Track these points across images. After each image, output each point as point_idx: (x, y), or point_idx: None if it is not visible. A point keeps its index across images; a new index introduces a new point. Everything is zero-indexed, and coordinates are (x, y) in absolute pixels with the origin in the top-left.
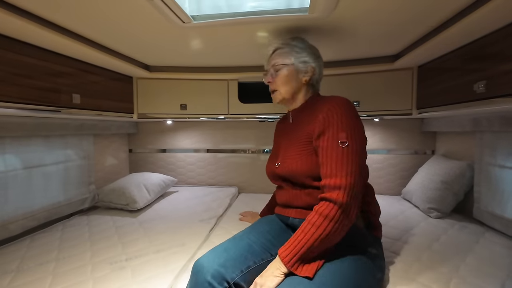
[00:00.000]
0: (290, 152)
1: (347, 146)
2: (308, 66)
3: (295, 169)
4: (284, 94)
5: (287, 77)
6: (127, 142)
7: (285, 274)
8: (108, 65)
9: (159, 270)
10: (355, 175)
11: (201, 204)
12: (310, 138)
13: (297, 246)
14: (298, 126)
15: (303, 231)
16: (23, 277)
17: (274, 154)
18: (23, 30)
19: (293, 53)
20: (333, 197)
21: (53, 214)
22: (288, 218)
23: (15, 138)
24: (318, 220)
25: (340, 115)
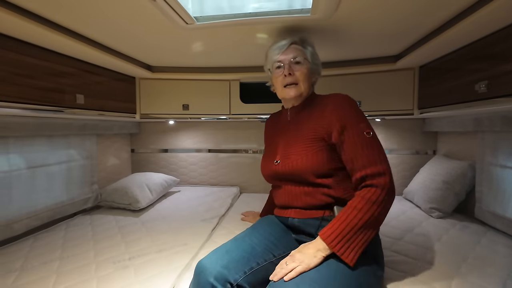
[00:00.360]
0: (293, 149)
1: (371, 135)
2: (318, 69)
3: (300, 165)
4: (304, 90)
5: (309, 73)
6: (130, 142)
7: (324, 257)
8: (111, 66)
9: (161, 269)
10: (386, 159)
11: (203, 204)
12: (319, 134)
13: (343, 229)
14: (300, 124)
15: (348, 216)
16: (27, 276)
17: (271, 153)
18: (24, 30)
19: (308, 52)
20: (380, 183)
21: (57, 213)
22: (287, 219)
23: (19, 138)
24: (365, 206)
25: (352, 109)
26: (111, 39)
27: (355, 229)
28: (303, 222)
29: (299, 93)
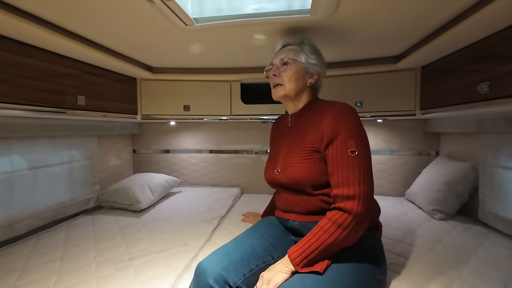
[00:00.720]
0: (292, 159)
1: (357, 154)
2: (316, 69)
3: (298, 177)
4: (288, 91)
5: (296, 74)
6: (131, 142)
7: (292, 272)
8: (112, 67)
9: (161, 269)
10: (367, 183)
11: (204, 204)
12: (316, 146)
13: (307, 249)
14: (299, 131)
15: (314, 236)
16: (29, 275)
17: (273, 159)
18: (26, 32)
19: (303, 52)
20: (347, 207)
21: (58, 213)
22: (287, 221)
23: (21, 139)
24: (331, 228)
25: (347, 123)
26: (111, 40)
27: (319, 249)
28: (303, 225)
29: (283, 94)
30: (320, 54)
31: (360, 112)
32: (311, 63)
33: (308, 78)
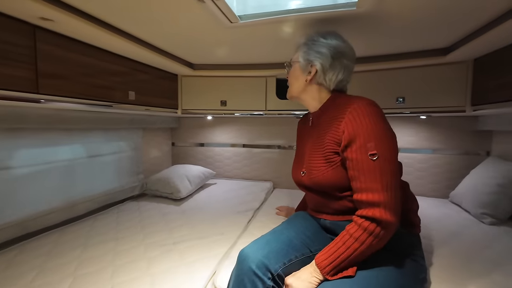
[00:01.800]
0: (315, 162)
1: (377, 158)
2: (309, 65)
3: (322, 181)
4: (292, 92)
5: (293, 74)
6: (170, 136)
7: (321, 281)
8: (157, 64)
9: (203, 255)
10: (393, 188)
11: (238, 197)
12: (335, 148)
13: (338, 258)
14: (320, 131)
15: (343, 242)
16: (89, 251)
17: (299, 159)
18: (87, 32)
19: (303, 50)
20: (376, 215)
21: (110, 198)
22: (319, 220)
23: (80, 130)
24: (362, 236)
25: (365, 123)
26: (160, 39)
27: (351, 258)
28: (335, 224)
29: (289, 95)
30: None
31: (400, 108)
32: (307, 59)
33: (306, 76)
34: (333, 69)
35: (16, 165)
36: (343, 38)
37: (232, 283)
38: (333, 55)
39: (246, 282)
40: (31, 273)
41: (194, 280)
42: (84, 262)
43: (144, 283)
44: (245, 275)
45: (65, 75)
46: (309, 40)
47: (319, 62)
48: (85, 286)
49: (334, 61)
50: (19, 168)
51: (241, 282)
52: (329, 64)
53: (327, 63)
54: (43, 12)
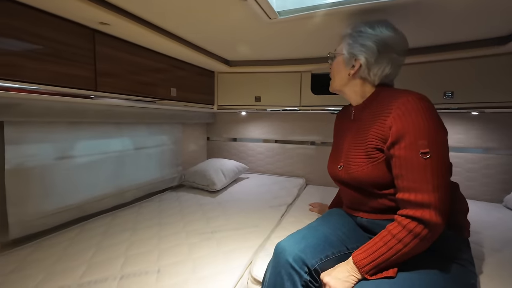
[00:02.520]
0: (354, 157)
1: (429, 157)
2: (353, 59)
3: (361, 177)
4: (334, 85)
5: (336, 67)
6: (206, 130)
7: (358, 280)
8: (196, 62)
9: (239, 245)
10: (443, 189)
11: (270, 191)
12: (379, 144)
13: (379, 258)
14: (362, 126)
15: (386, 244)
16: (137, 234)
17: (336, 153)
18: (137, 34)
19: (347, 42)
20: (425, 216)
21: (153, 187)
22: (356, 218)
23: (128, 124)
24: (407, 238)
25: (417, 119)
26: (199, 37)
27: (393, 259)
28: (373, 223)
29: (331, 88)
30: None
31: (448, 104)
32: (351, 52)
33: (349, 69)
34: (379, 64)
35: (76, 155)
36: (394, 28)
37: (269, 274)
38: (380, 49)
39: (283, 274)
40: (90, 251)
41: (231, 267)
42: (133, 244)
43: (187, 266)
44: (282, 267)
45: (118, 74)
46: (355, 31)
47: (363, 57)
48: (136, 265)
49: (380, 55)
50: (78, 158)
51: (278, 274)
52: (375, 59)
53: (372, 57)
54: (103, 17)
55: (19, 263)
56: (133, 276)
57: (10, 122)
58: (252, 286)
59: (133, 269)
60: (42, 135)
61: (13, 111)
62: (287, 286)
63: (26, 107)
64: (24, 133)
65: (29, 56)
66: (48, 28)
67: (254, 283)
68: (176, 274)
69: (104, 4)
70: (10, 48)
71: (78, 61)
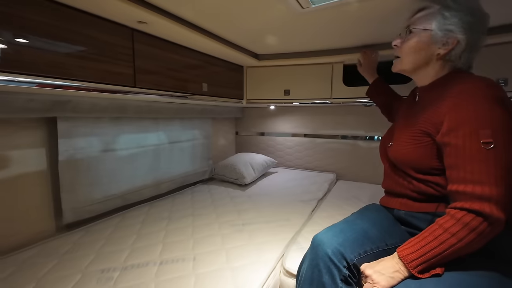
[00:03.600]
0: (402, 136)
1: (493, 147)
2: (450, 37)
3: (400, 155)
4: (404, 65)
5: (416, 46)
6: (234, 125)
7: (404, 278)
8: (226, 57)
9: (270, 237)
10: (506, 182)
11: (300, 186)
12: (429, 129)
13: (428, 253)
14: (422, 108)
15: (434, 237)
16: (173, 224)
17: (391, 131)
18: (172, 31)
19: (437, 16)
20: (485, 210)
21: (185, 180)
22: (393, 210)
23: (164, 119)
24: (462, 232)
25: (481, 106)
26: (230, 32)
27: (444, 254)
28: (411, 215)
29: (398, 68)
30: (474, 14)
31: None
32: (445, 29)
33: (438, 48)
34: (475, 45)
35: (119, 148)
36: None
37: (306, 267)
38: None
39: (321, 267)
40: (131, 237)
41: (264, 259)
42: (170, 232)
43: (220, 256)
44: (320, 259)
45: (154, 71)
46: (452, 1)
47: (464, 35)
48: (173, 252)
49: (478, 35)
50: (120, 151)
51: (316, 266)
52: (474, 39)
53: (472, 37)
54: (141, 16)
55: (73, 245)
56: (171, 263)
57: (62, 118)
58: (284, 278)
59: (170, 256)
60: (89, 129)
61: (64, 107)
62: (325, 279)
63: (75, 104)
64: (74, 127)
65: (77, 56)
66: (92, 28)
67: (286, 276)
68: (211, 263)
69: (142, 3)
70: (61, 50)
71: (121, 59)
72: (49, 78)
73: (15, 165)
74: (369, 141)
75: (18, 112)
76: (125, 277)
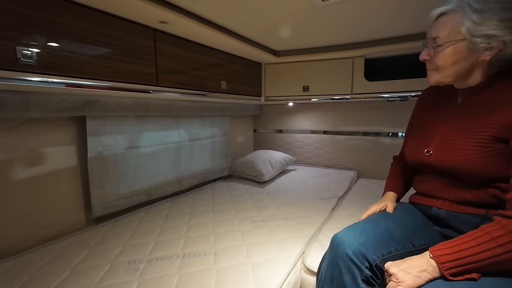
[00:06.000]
0: (458, 143)
1: None
2: (493, 41)
3: (463, 166)
4: (444, 78)
5: (453, 58)
6: (253, 122)
7: (432, 278)
8: (245, 54)
9: (290, 234)
10: None
11: (320, 184)
12: (501, 133)
13: (462, 254)
14: (475, 112)
15: (477, 243)
16: (195, 219)
17: (422, 137)
18: (193, 30)
19: (466, 22)
20: None
21: (205, 177)
22: (430, 208)
23: (185, 117)
24: (506, 238)
25: None
26: (250, 29)
27: (485, 263)
28: (454, 216)
29: (437, 82)
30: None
31: None
32: (483, 34)
33: (480, 54)
34: None
35: (143, 145)
36: None
37: (326, 266)
38: None
39: (341, 267)
40: (156, 231)
41: (284, 256)
42: (191, 227)
43: (241, 251)
44: (340, 259)
45: (175, 69)
46: (467, 6)
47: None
48: (195, 247)
49: None
50: (144, 148)
51: (336, 266)
52: None
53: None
54: (162, 16)
55: (102, 237)
56: (193, 256)
57: (91, 116)
58: (305, 275)
59: (192, 250)
60: (115, 128)
61: (93, 106)
62: (346, 279)
63: (102, 103)
64: (102, 125)
65: (102, 56)
66: (116, 29)
67: (307, 273)
68: (232, 257)
69: (163, 3)
70: (88, 51)
71: (144, 59)
72: (78, 79)
73: (50, 161)
74: (393, 137)
75: (53, 112)
76: (151, 268)
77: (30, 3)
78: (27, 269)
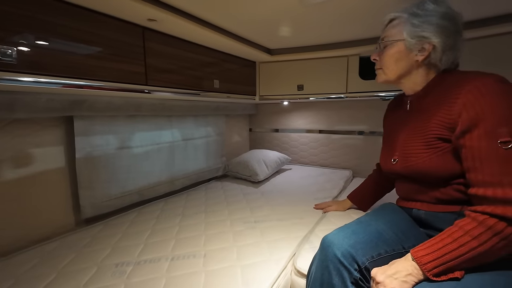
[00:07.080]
0: (413, 148)
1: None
2: (425, 42)
3: (422, 169)
4: (387, 76)
5: (394, 56)
6: (248, 122)
7: (418, 281)
8: (238, 53)
9: (283, 235)
10: None
11: (315, 183)
12: (444, 134)
13: (446, 255)
14: (422, 115)
15: (453, 239)
16: (186, 220)
17: (388, 147)
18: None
19: (407, 25)
20: (507, 213)
21: (199, 177)
22: (411, 210)
23: (178, 117)
24: (484, 235)
25: (495, 104)
26: (242, 27)
27: (463, 258)
28: (434, 216)
29: (382, 80)
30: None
31: None
32: (418, 35)
33: (415, 55)
34: (454, 46)
35: (134, 145)
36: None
37: (315, 268)
38: (451, 27)
39: (331, 269)
40: (146, 232)
41: (275, 258)
42: (183, 228)
43: (231, 253)
44: (330, 261)
45: (166, 68)
46: (419, 9)
47: (438, 38)
48: (185, 249)
49: (455, 35)
50: (136, 148)
51: (325, 268)
52: (450, 40)
53: (448, 39)
54: (150, 13)
55: (91, 239)
56: (182, 259)
57: (79, 117)
58: (295, 278)
59: (182, 252)
60: (105, 128)
61: (81, 106)
62: (335, 281)
63: (91, 103)
64: (90, 126)
65: (91, 56)
66: (104, 28)
67: (297, 275)
68: (221, 260)
69: (151, 1)
70: (73, 50)
71: (132, 57)
72: (67, 78)
73: (38, 162)
74: None
75: (40, 112)
76: (138, 271)
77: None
78: (14, 271)
